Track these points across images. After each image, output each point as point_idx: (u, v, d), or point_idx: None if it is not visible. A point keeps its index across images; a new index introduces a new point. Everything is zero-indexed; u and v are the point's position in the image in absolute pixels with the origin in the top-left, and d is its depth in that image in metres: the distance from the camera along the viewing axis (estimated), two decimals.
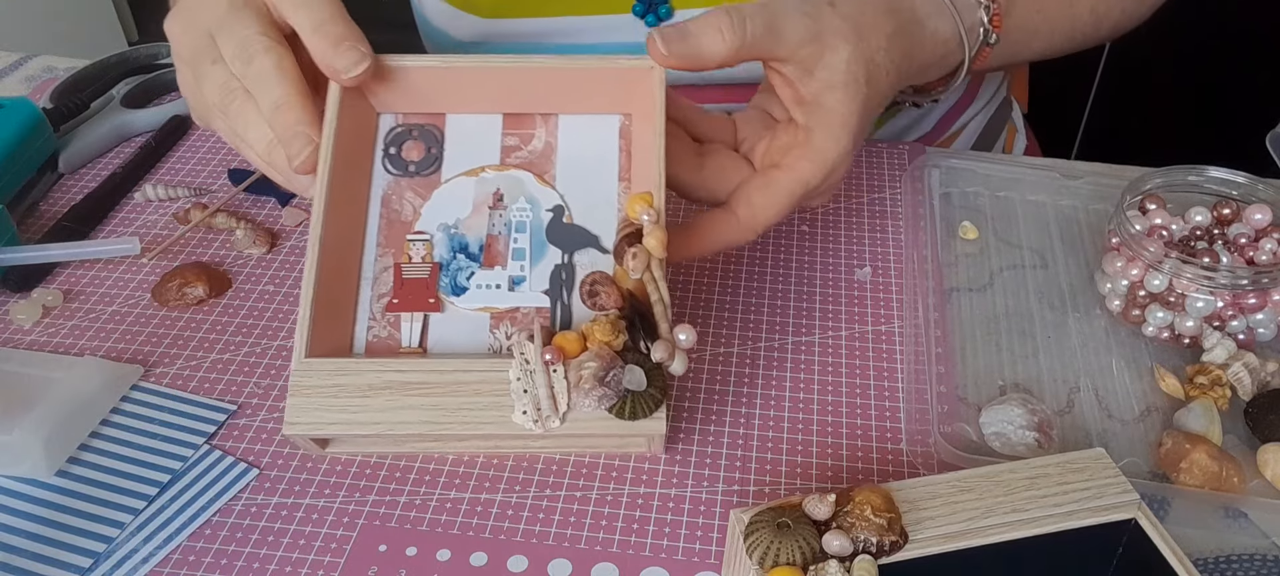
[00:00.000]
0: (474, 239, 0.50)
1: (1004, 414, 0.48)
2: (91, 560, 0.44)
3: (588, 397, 0.44)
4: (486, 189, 0.51)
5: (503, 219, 0.50)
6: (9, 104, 0.65)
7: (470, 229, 0.50)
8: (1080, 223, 0.63)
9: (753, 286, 0.58)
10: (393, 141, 0.52)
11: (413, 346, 0.48)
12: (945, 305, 0.56)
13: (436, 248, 0.50)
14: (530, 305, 0.49)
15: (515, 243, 0.50)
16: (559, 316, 0.48)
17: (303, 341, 0.45)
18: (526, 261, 0.49)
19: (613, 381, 0.44)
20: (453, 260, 0.49)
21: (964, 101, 0.81)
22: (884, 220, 0.63)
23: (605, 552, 0.44)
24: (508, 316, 0.48)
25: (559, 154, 0.52)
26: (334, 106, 0.48)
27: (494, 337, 0.48)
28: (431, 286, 0.49)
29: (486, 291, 0.49)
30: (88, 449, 0.48)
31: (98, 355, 0.53)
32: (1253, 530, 0.45)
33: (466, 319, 0.48)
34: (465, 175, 0.51)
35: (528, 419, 0.44)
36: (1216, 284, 0.51)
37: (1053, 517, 0.39)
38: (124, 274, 0.59)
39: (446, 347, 0.48)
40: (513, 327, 0.48)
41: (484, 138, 0.52)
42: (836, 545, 0.37)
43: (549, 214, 0.50)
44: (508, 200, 0.51)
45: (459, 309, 0.48)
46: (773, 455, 0.49)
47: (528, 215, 0.50)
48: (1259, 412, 0.48)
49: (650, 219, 0.46)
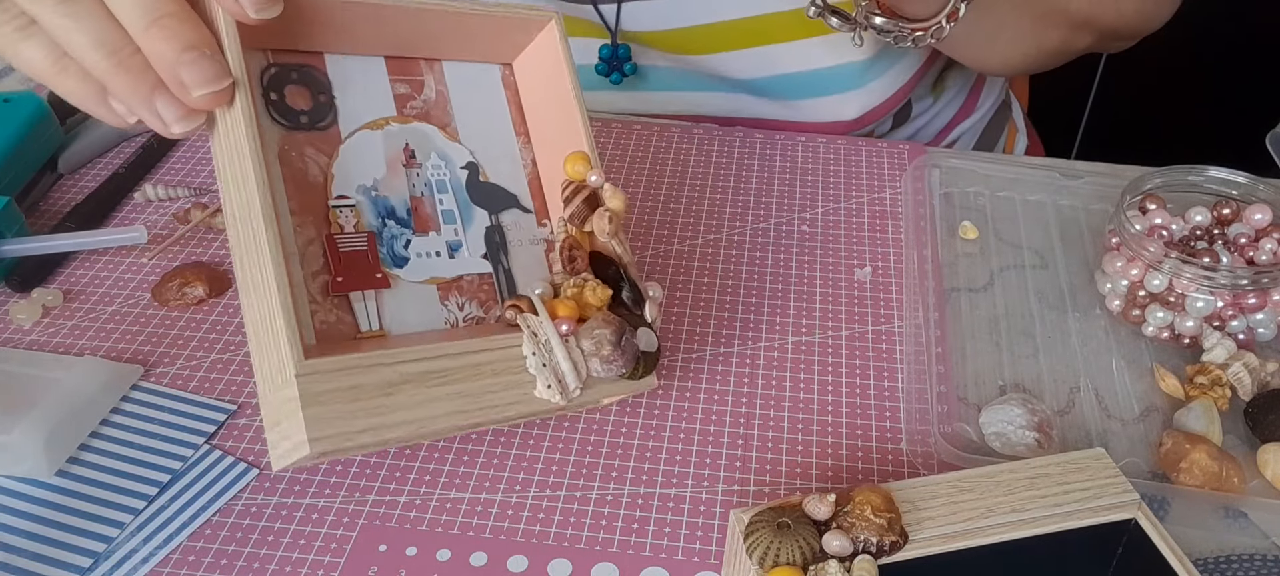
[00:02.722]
0: (398, 201, 0.45)
1: (1004, 414, 0.48)
2: (91, 560, 0.44)
3: (608, 365, 0.44)
4: (396, 144, 0.46)
5: (421, 178, 0.46)
6: (16, 98, 0.66)
7: (392, 190, 0.45)
8: (1080, 223, 0.63)
9: (753, 286, 0.58)
10: (272, 84, 0.44)
11: (374, 329, 0.43)
12: (945, 305, 0.56)
13: (364, 216, 0.44)
14: (473, 272, 0.46)
15: (441, 204, 0.46)
16: (504, 283, 0.46)
17: (294, 337, 0.38)
18: (458, 225, 0.46)
19: (627, 345, 0.44)
20: (383, 227, 0.45)
21: (966, 108, 0.81)
22: (884, 220, 0.63)
23: (605, 552, 0.44)
24: (455, 287, 0.46)
25: (454, 104, 0.48)
26: (233, 39, 0.40)
27: (447, 310, 0.45)
28: (374, 259, 0.44)
29: (428, 260, 0.45)
30: (88, 449, 0.48)
31: (98, 355, 0.53)
32: (1253, 530, 0.45)
33: (415, 293, 0.45)
34: (367, 128, 0.46)
35: (553, 392, 0.43)
36: (1216, 284, 0.51)
37: (1053, 517, 0.39)
38: (124, 273, 0.59)
39: (404, 327, 0.44)
40: (463, 298, 0.46)
41: (372, 84, 0.46)
42: (836, 545, 0.37)
43: (464, 171, 0.47)
44: (420, 157, 0.46)
45: (406, 282, 0.45)
46: (773, 455, 0.49)
47: (444, 173, 0.47)
48: (1259, 412, 0.48)
49: (599, 180, 0.47)
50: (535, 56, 0.48)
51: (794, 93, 0.70)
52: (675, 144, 0.69)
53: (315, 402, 0.38)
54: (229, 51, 0.40)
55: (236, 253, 0.41)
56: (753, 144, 0.70)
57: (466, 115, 0.47)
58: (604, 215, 0.45)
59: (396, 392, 0.39)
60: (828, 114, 0.71)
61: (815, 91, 0.70)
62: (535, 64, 0.49)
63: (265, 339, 0.39)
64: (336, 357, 0.39)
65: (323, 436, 0.38)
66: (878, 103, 0.71)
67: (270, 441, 0.39)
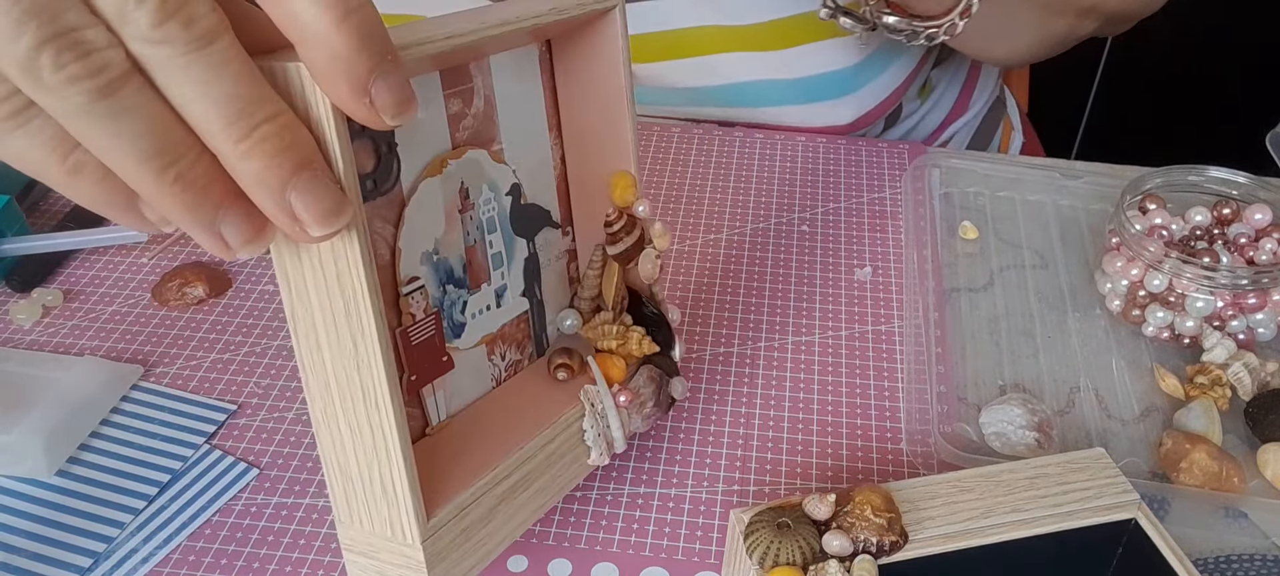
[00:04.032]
0: (456, 259, 0.39)
1: (1004, 414, 0.48)
2: (91, 560, 0.44)
3: (648, 420, 0.45)
4: (452, 188, 0.38)
5: (474, 222, 0.39)
6: None
7: (450, 248, 0.39)
8: (1080, 223, 0.63)
9: (753, 286, 0.58)
10: None
11: (442, 420, 0.40)
12: (945, 305, 0.56)
13: (429, 288, 0.38)
14: (513, 314, 0.42)
15: (491, 247, 0.40)
16: (536, 315, 0.44)
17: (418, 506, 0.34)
18: (506, 266, 0.41)
19: (664, 398, 0.45)
20: (444, 296, 0.39)
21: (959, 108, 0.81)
22: (884, 220, 0.63)
23: (605, 552, 0.44)
24: (498, 338, 0.42)
25: (500, 110, 0.40)
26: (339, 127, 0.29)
27: (492, 366, 0.42)
28: (441, 342, 0.39)
29: (480, 318, 0.41)
30: (88, 449, 0.48)
31: (98, 355, 0.53)
32: (1253, 530, 0.45)
33: (470, 360, 0.41)
34: (428, 176, 0.37)
35: (603, 456, 0.43)
36: (1216, 284, 0.51)
37: (1053, 517, 0.39)
38: (124, 273, 0.59)
39: (461, 401, 0.41)
40: (505, 347, 0.43)
41: (428, 109, 0.37)
42: (836, 545, 0.37)
43: (509, 198, 0.41)
44: (473, 195, 0.39)
45: (464, 352, 0.40)
46: (773, 455, 0.49)
47: (494, 209, 0.40)
48: (1259, 412, 0.48)
49: (646, 210, 0.42)
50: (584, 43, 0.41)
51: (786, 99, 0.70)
52: (675, 144, 0.69)
53: (439, 560, 0.36)
54: (340, 162, 0.29)
55: (312, 376, 0.34)
56: (753, 144, 0.70)
57: (510, 120, 0.40)
58: (653, 256, 0.41)
59: (495, 515, 0.38)
60: (821, 120, 0.71)
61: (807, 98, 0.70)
62: (583, 51, 0.41)
63: (371, 488, 0.35)
64: (449, 505, 0.36)
65: None
66: (870, 107, 0.71)
67: (359, 566, 0.37)
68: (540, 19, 0.37)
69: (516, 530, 0.40)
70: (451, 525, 0.36)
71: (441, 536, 0.36)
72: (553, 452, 0.40)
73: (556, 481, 0.41)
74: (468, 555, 0.37)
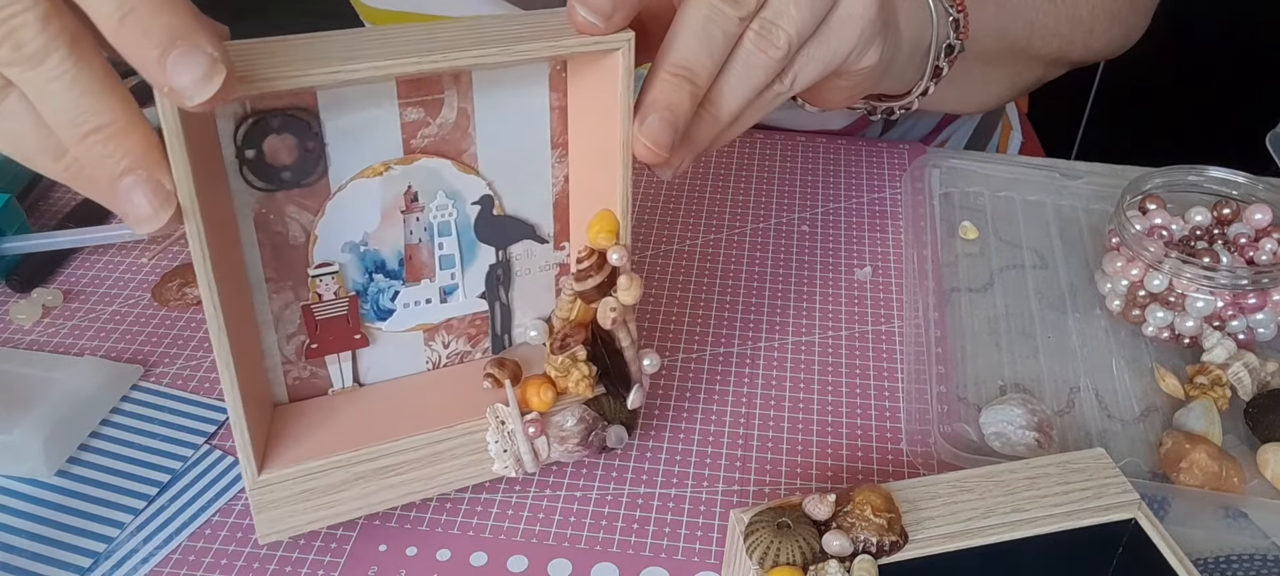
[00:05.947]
0: (391, 253, 0.42)
1: (1004, 414, 0.48)
2: (91, 560, 0.44)
3: (571, 454, 0.45)
4: (395, 189, 0.41)
5: (421, 223, 0.41)
6: None
7: (383, 242, 0.41)
8: (1080, 223, 0.63)
9: (753, 286, 0.58)
10: (247, 141, 0.37)
11: (346, 387, 0.44)
12: (945, 305, 0.56)
13: (348, 275, 0.41)
14: (466, 312, 0.45)
15: (440, 248, 0.42)
16: (499, 318, 0.45)
17: (249, 456, 0.39)
18: (457, 269, 0.43)
19: (594, 441, 0.45)
20: (370, 283, 0.42)
21: None
22: (884, 220, 0.63)
23: (605, 552, 0.44)
24: (442, 327, 0.44)
25: (477, 125, 0.41)
26: (173, 115, 0.32)
27: (430, 351, 0.45)
28: (353, 322, 0.42)
29: (416, 309, 0.43)
30: (88, 449, 0.48)
31: (98, 355, 0.53)
32: (1253, 530, 0.45)
33: (398, 340, 0.44)
34: (363, 176, 0.40)
35: (510, 469, 0.44)
36: (1216, 284, 0.51)
37: (1053, 517, 0.39)
38: (124, 273, 0.59)
39: (381, 375, 0.45)
40: (450, 336, 0.45)
41: (375, 117, 0.39)
42: (836, 545, 0.37)
43: (476, 207, 0.42)
44: (424, 198, 0.41)
45: (388, 333, 0.44)
46: (773, 455, 0.49)
47: (451, 214, 0.42)
48: (1259, 412, 0.48)
49: (620, 259, 0.40)
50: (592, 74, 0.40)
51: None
52: None
53: (266, 508, 0.41)
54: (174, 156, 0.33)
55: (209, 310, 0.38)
56: (752, 144, 0.70)
57: (493, 135, 0.41)
58: (609, 306, 0.41)
59: (348, 488, 0.42)
60: (821, 121, 0.71)
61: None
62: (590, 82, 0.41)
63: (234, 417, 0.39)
64: (291, 468, 0.40)
65: (271, 532, 0.41)
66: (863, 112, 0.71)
67: None
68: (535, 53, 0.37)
69: (380, 505, 0.43)
70: (289, 483, 0.40)
71: (273, 489, 0.40)
72: (441, 452, 0.43)
73: (444, 475, 0.43)
74: (306, 513, 0.41)
